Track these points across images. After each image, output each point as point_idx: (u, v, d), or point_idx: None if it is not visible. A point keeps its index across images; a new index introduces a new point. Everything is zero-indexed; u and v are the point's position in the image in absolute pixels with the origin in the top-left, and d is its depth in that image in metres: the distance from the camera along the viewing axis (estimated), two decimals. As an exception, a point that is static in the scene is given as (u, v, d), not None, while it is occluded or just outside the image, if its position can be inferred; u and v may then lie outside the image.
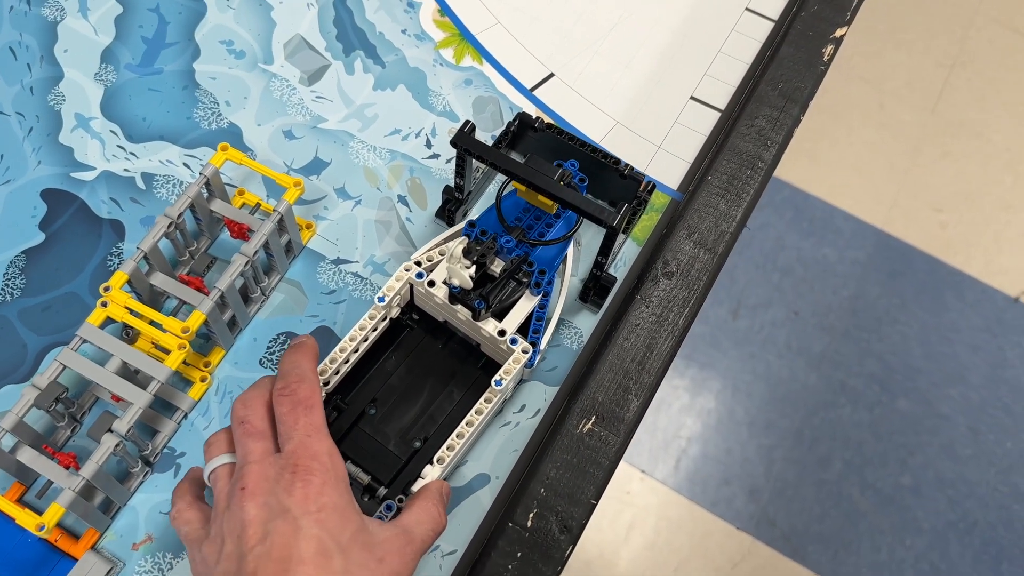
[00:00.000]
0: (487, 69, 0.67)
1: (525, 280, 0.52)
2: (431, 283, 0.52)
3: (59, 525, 0.50)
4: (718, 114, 0.66)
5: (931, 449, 1.46)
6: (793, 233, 1.62)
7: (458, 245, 0.50)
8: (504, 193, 0.54)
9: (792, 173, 1.68)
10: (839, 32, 0.62)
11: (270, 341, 0.56)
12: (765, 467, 1.43)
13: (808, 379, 1.50)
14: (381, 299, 0.51)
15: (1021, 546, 1.40)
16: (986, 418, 1.48)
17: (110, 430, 0.47)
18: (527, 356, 0.51)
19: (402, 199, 0.62)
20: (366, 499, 0.50)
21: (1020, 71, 1.86)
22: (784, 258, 1.59)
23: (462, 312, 0.51)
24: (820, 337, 1.54)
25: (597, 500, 0.46)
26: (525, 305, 0.52)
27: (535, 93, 0.67)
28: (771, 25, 0.70)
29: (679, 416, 1.44)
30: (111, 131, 0.62)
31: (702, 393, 1.47)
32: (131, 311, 0.50)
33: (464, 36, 0.68)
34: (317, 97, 0.64)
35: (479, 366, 0.54)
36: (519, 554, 0.45)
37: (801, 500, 1.41)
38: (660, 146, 0.65)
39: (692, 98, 0.67)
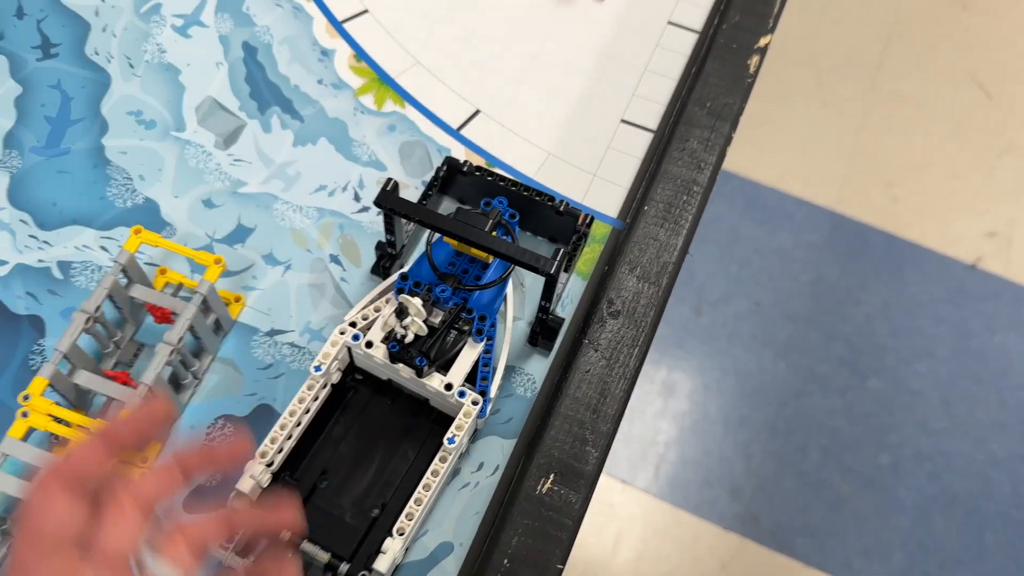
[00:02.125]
0: (410, 112, 0.65)
1: (466, 328, 0.50)
2: (368, 344, 0.49)
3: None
4: (651, 135, 0.65)
5: (906, 426, 1.46)
6: (747, 223, 1.62)
7: (390, 310, 0.48)
8: (433, 241, 0.52)
9: (739, 163, 1.68)
10: (763, 41, 0.61)
11: (208, 427, 0.54)
12: (744, 464, 1.43)
13: (777, 369, 1.50)
14: (318, 368, 0.49)
15: (1002, 514, 1.41)
16: (956, 389, 1.49)
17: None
18: (478, 407, 0.49)
19: (335, 258, 0.59)
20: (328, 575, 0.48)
21: (956, 37, 1.87)
22: (740, 249, 1.58)
23: (405, 370, 0.49)
24: (784, 325, 1.53)
25: (563, 564, 0.44)
26: (469, 354, 0.50)
27: (462, 132, 0.65)
28: (695, 37, 0.68)
29: (654, 422, 1.43)
30: (21, 220, 0.59)
31: (674, 395, 1.46)
32: (55, 419, 0.48)
33: (383, 80, 0.66)
34: (235, 160, 0.62)
35: (431, 419, 0.52)
36: (487, 635, 0.43)
37: (783, 493, 1.40)
38: (595, 174, 0.64)
39: (623, 121, 0.66)
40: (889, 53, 1.87)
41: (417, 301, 0.47)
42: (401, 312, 0.47)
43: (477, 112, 0.66)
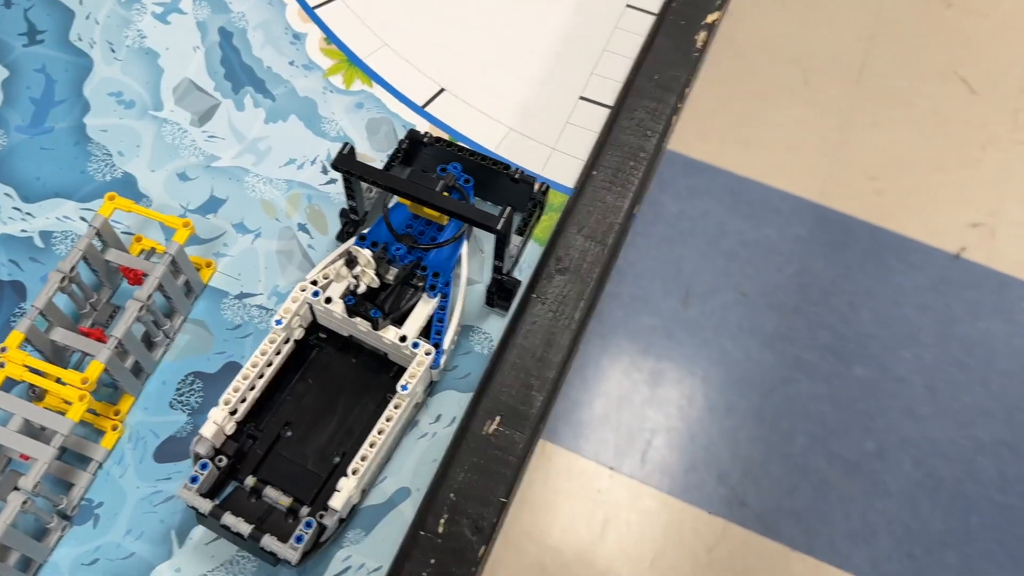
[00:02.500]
0: (378, 91, 0.68)
1: (420, 284, 0.53)
2: (328, 300, 0.52)
3: (-21, 590, 0.50)
4: (607, 111, 0.67)
5: (891, 412, 1.48)
6: (733, 217, 1.64)
7: (341, 264, 0.51)
8: (391, 205, 0.55)
9: (726, 159, 1.70)
10: (711, 18, 0.64)
11: (179, 383, 0.56)
12: (731, 449, 1.45)
13: (763, 358, 1.52)
14: (279, 322, 0.52)
15: (987, 497, 1.42)
16: (941, 375, 1.50)
17: (16, 488, 0.47)
18: (430, 357, 0.51)
19: (302, 227, 0.62)
20: (290, 521, 0.51)
21: (938, 35, 1.90)
22: (727, 243, 1.61)
23: (362, 324, 0.52)
24: (770, 316, 1.56)
25: (508, 499, 0.47)
26: (423, 308, 0.53)
27: (427, 109, 0.68)
28: (652, 19, 0.71)
29: (641, 409, 1.45)
30: (5, 194, 0.62)
31: (661, 384, 1.49)
32: (31, 369, 0.51)
33: (352, 61, 0.69)
34: (209, 137, 0.65)
35: (391, 375, 0.55)
36: (432, 561, 0.46)
37: (769, 478, 1.42)
38: (554, 147, 0.67)
39: (582, 98, 0.69)
40: (873, 52, 1.89)
41: (367, 252, 0.50)
42: (351, 262, 0.50)
43: (442, 90, 0.69)
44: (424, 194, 0.52)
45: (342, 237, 0.61)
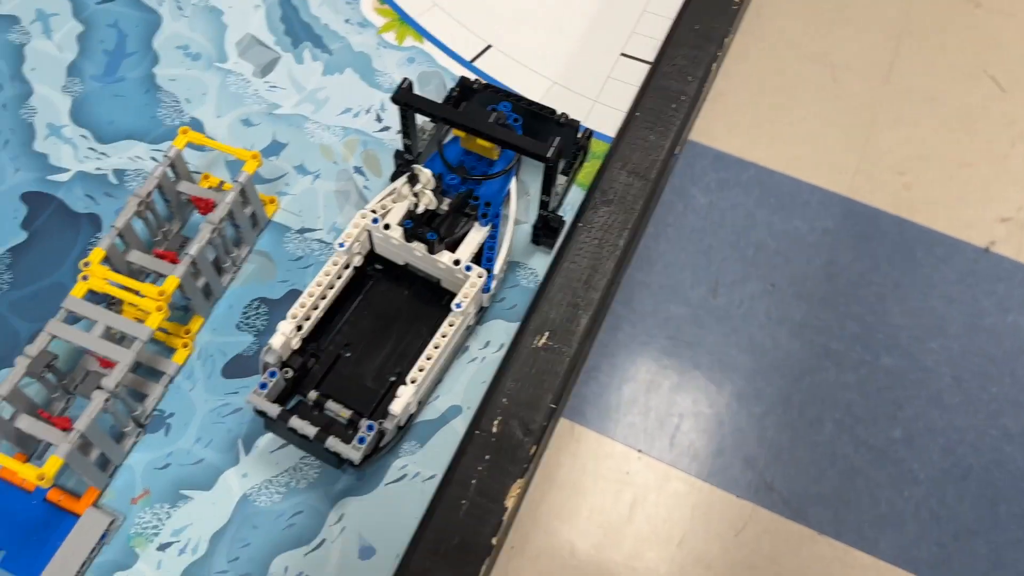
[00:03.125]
0: (428, 47, 0.72)
1: (472, 212, 0.56)
2: (387, 226, 0.56)
3: (62, 487, 0.53)
4: (648, 66, 0.71)
5: (919, 401, 1.49)
6: (762, 209, 1.66)
7: (403, 182, 0.54)
8: (446, 141, 0.59)
9: (756, 153, 1.73)
10: (748, -25, 0.67)
11: (245, 307, 0.60)
12: (758, 435, 1.46)
13: (791, 347, 1.54)
14: (341, 245, 0.55)
15: (1016, 486, 1.42)
16: (969, 366, 1.51)
17: (99, 387, 0.50)
18: (482, 280, 0.54)
19: (358, 169, 0.66)
20: (350, 432, 0.54)
21: (965, 35, 1.91)
22: (756, 234, 1.63)
23: (418, 249, 0.55)
24: (799, 306, 1.57)
25: (556, 404, 0.50)
26: (475, 236, 0.56)
27: (475, 64, 0.71)
28: (689, -19, 0.75)
29: (670, 395, 1.47)
30: (82, 135, 0.66)
31: (690, 371, 1.51)
32: (111, 283, 0.54)
33: (404, 19, 0.73)
34: (271, 87, 0.69)
35: (443, 304, 0.58)
36: (487, 457, 0.49)
37: (797, 463, 1.43)
38: (596, 100, 0.70)
39: (623, 54, 0.72)
40: (902, 51, 1.92)
41: (428, 171, 0.53)
42: (412, 179, 0.53)
43: (489, 47, 0.72)
44: (479, 124, 0.55)
45: (395, 178, 0.65)
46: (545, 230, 0.62)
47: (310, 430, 0.52)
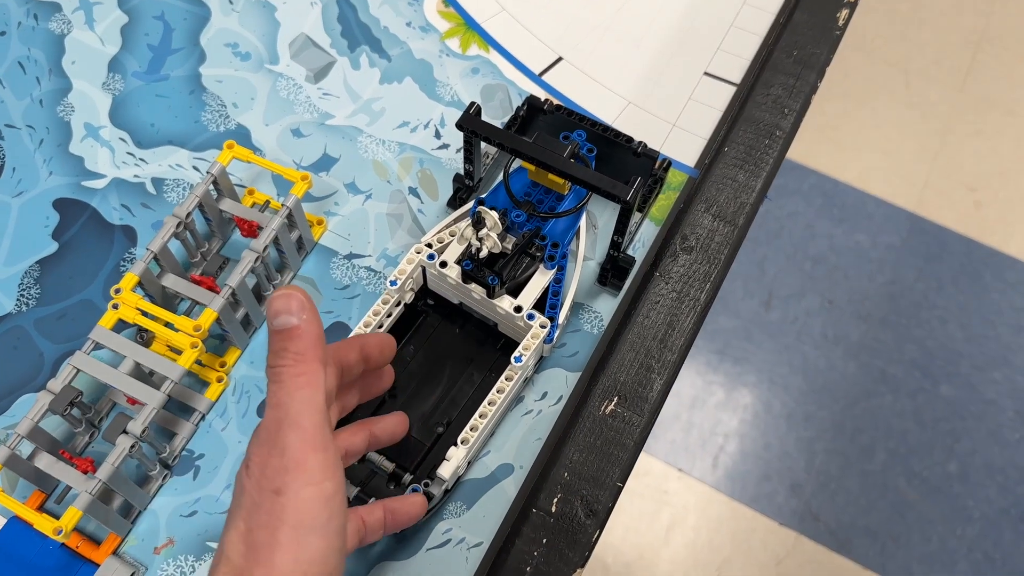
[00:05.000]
0: (494, 56, 0.66)
1: (538, 254, 0.50)
2: (443, 264, 0.51)
3: (80, 531, 0.49)
4: (733, 88, 0.64)
5: (978, 435, 1.42)
6: (823, 220, 1.59)
7: (467, 226, 0.49)
8: (512, 170, 0.53)
9: (819, 160, 1.65)
10: (853, -4, 0.60)
11: (285, 339, 0.55)
12: (806, 460, 1.40)
13: (847, 369, 1.47)
14: (393, 283, 0.50)
15: (1079, 531, 1.35)
16: (1034, 400, 1.43)
17: (125, 431, 0.46)
18: (545, 331, 0.49)
19: (413, 191, 0.61)
20: (391, 487, 0.49)
21: (1049, 44, 1.81)
22: (815, 246, 1.55)
23: (476, 291, 0.50)
24: (857, 325, 1.50)
25: (623, 483, 0.44)
26: (540, 280, 0.51)
27: (544, 78, 0.66)
28: (783, -4, 0.68)
29: (715, 412, 1.41)
30: (120, 138, 0.62)
31: (737, 388, 1.44)
32: (143, 312, 0.50)
33: (469, 25, 0.67)
34: (324, 94, 0.64)
35: (498, 347, 0.53)
36: (544, 540, 0.44)
37: (845, 493, 1.37)
38: (675, 124, 0.64)
39: (706, 73, 0.66)
40: (979, 57, 1.82)
41: (494, 213, 0.48)
42: (478, 222, 0.48)
43: (560, 59, 0.66)
44: (552, 159, 0.50)
45: (453, 203, 0.60)
46: (615, 271, 0.56)
47: (350, 490, 0.47)
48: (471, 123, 0.51)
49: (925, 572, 1.31)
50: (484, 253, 0.49)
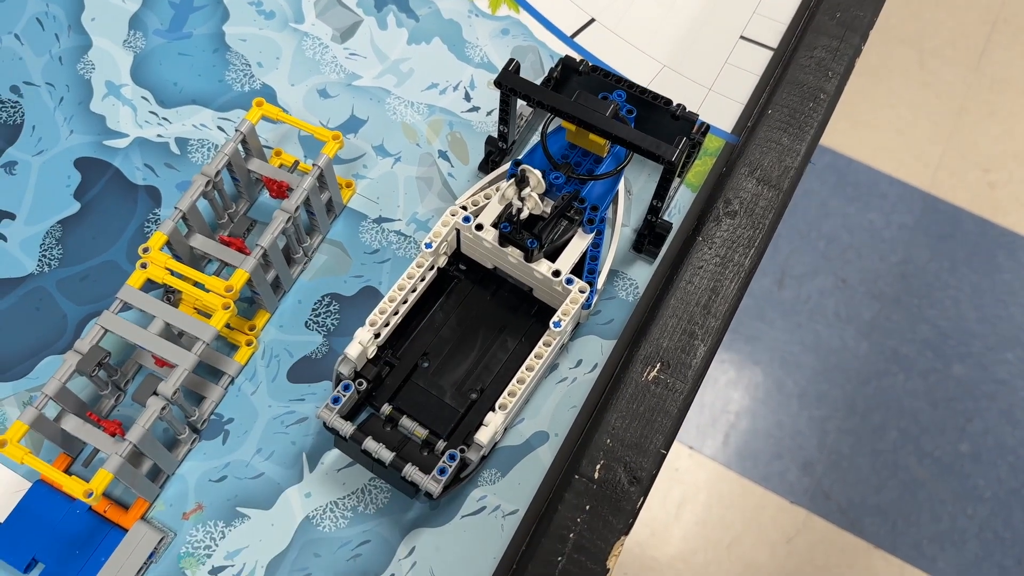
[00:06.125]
0: (524, 17, 0.64)
1: (577, 217, 0.49)
2: (479, 227, 0.49)
3: (108, 496, 0.48)
4: (770, 52, 0.63)
5: (990, 415, 1.41)
6: (837, 199, 1.57)
7: (508, 185, 0.48)
8: (549, 131, 0.52)
9: (833, 138, 1.63)
10: (897, -43, 0.58)
11: (315, 303, 0.54)
12: (818, 439, 1.39)
13: (859, 348, 1.46)
14: (428, 245, 0.49)
15: (1090, 512, 1.34)
16: (1047, 381, 1.43)
17: (155, 393, 0.45)
18: (584, 296, 0.48)
19: (443, 154, 0.59)
20: (424, 453, 0.48)
21: (1066, 24, 1.79)
22: (829, 225, 1.54)
23: (513, 255, 0.49)
24: (870, 305, 1.49)
25: (667, 450, 0.43)
26: (578, 244, 0.49)
27: (576, 40, 0.64)
28: (821, -41, 0.66)
29: (726, 391, 1.40)
30: (142, 97, 0.60)
31: (749, 366, 1.44)
32: (172, 272, 0.49)
33: (499, -14, 0.66)
34: (351, 54, 0.62)
35: (532, 313, 0.52)
36: (588, 507, 0.43)
37: (857, 471, 1.37)
38: (711, 88, 0.62)
39: (742, 37, 0.64)
40: (995, 38, 1.80)
41: (538, 172, 0.47)
42: (522, 180, 0.46)
43: (592, 20, 0.65)
44: (595, 119, 0.48)
45: (485, 167, 0.58)
46: (652, 237, 0.55)
47: (386, 455, 0.46)
48: (510, 80, 0.50)
49: (935, 551, 1.31)
50: (525, 214, 0.48)
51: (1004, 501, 1.39)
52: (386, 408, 0.49)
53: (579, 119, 0.49)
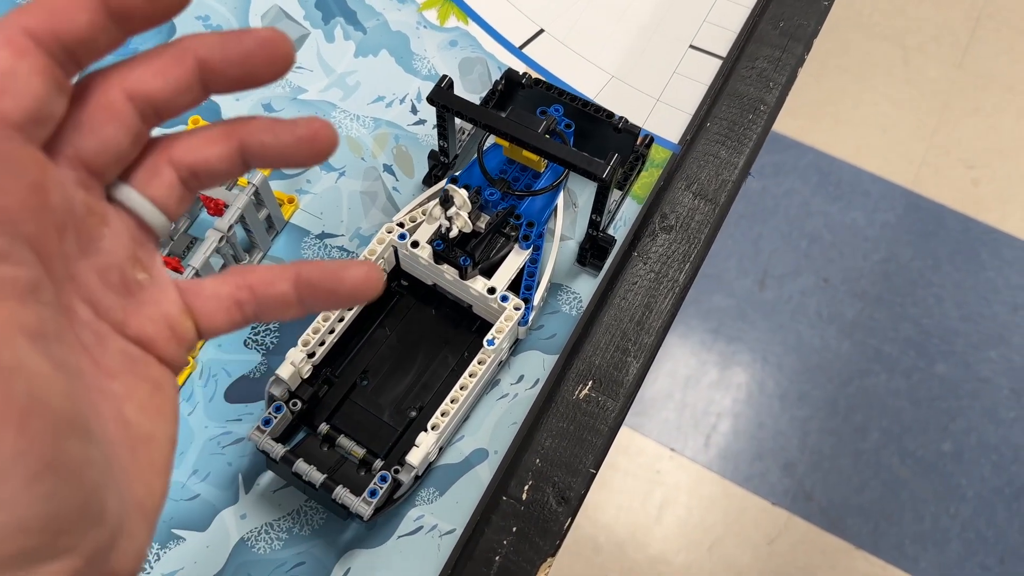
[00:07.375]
0: (473, 28, 0.64)
1: (512, 234, 0.49)
2: (415, 244, 0.49)
3: (41, 519, 0.48)
4: (719, 61, 0.62)
5: (972, 414, 1.41)
6: (819, 198, 1.57)
7: (435, 205, 0.47)
8: (486, 148, 0.51)
9: (815, 136, 1.63)
10: (843, -36, 0.58)
11: (254, 321, 0.54)
12: (799, 440, 1.39)
13: (841, 347, 1.46)
14: (362, 264, 0.49)
15: (1073, 510, 1.34)
16: (1030, 379, 1.42)
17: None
18: (519, 313, 0.48)
19: (388, 168, 0.59)
20: (361, 473, 0.48)
21: (1051, 19, 1.78)
22: (811, 224, 1.54)
23: (449, 272, 0.49)
24: (852, 304, 1.49)
25: (596, 469, 0.43)
26: (514, 260, 0.49)
27: (524, 51, 0.64)
28: (772, -34, 0.66)
29: (708, 392, 1.40)
30: (86, 114, 0.60)
31: (731, 367, 1.43)
32: (104, 294, 0.48)
33: (448, -4, 0.65)
34: (296, 68, 0.62)
35: (473, 329, 0.52)
36: (514, 528, 0.43)
37: (838, 472, 1.37)
38: (659, 98, 0.62)
39: (691, 46, 0.64)
40: (979, 34, 1.79)
41: (463, 192, 0.46)
42: (446, 200, 0.46)
43: (541, 31, 0.64)
44: (526, 135, 0.48)
45: (429, 180, 0.58)
46: (594, 250, 0.54)
47: (316, 476, 0.46)
48: (442, 97, 0.50)
49: (917, 551, 1.31)
50: (455, 233, 0.47)
51: (987, 500, 1.38)
52: (323, 427, 0.49)
53: (511, 136, 0.48)
